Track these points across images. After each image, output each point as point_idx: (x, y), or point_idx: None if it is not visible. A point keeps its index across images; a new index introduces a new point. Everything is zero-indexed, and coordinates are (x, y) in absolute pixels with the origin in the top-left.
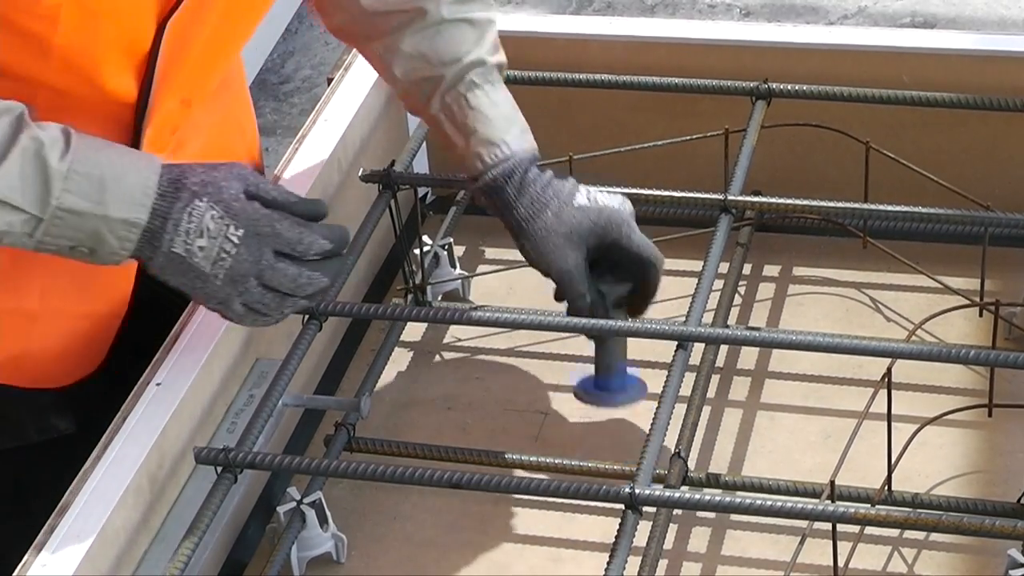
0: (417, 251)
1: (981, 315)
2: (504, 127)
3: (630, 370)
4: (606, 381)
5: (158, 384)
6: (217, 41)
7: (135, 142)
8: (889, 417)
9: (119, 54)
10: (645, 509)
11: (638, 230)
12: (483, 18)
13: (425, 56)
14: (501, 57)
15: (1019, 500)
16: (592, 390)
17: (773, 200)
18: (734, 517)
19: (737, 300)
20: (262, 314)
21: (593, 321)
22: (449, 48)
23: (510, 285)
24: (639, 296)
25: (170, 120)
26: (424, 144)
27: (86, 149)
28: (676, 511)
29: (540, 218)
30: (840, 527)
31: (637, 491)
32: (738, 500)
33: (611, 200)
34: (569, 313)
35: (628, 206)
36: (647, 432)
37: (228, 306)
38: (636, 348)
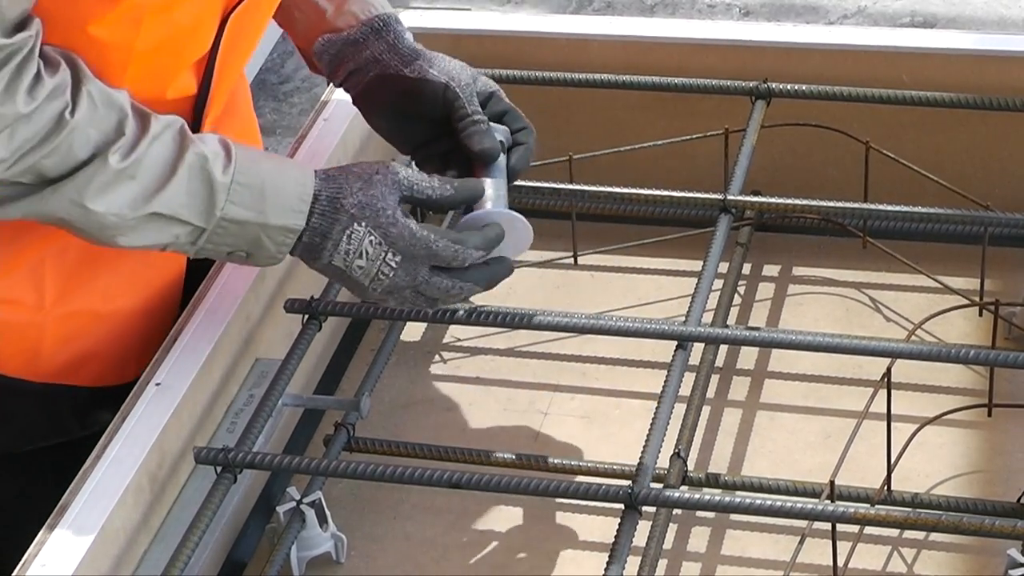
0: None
1: (981, 315)
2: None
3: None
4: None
5: (158, 384)
6: (261, 32)
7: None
8: (889, 417)
9: (187, 51)
10: (645, 509)
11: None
12: None
13: None
14: None
15: (1019, 500)
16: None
17: (773, 200)
18: (734, 517)
19: (737, 300)
20: (418, 306)
21: (585, 321)
22: None
23: (509, 285)
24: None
25: (219, 112)
26: None
27: (245, 160)
28: (676, 511)
29: (417, 60)
30: (840, 527)
31: (637, 491)
32: (738, 500)
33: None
34: (468, 132)
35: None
36: (647, 432)
37: (388, 300)
38: (636, 348)
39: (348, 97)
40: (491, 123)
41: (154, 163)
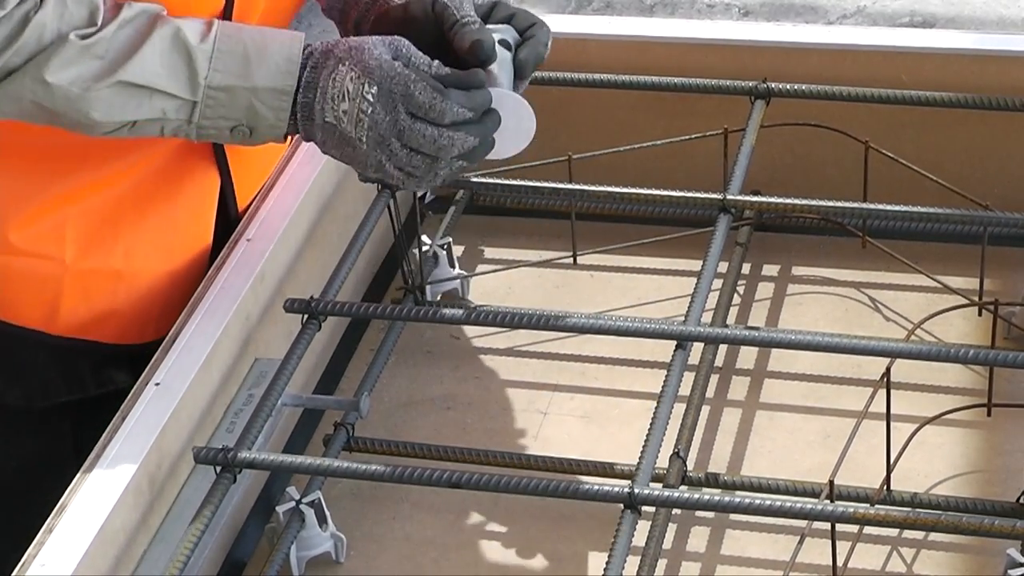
0: (416, 251)
1: (980, 315)
2: None
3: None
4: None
5: (157, 384)
6: None
7: None
8: (888, 417)
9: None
10: (644, 509)
11: None
12: None
13: None
14: None
15: (1018, 499)
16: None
17: (772, 200)
18: (733, 517)
19: (736, 300)
20: (417, 176)
21: (584, 320)
22: None
23: (509, 285)
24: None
25: None
26: None
27: (228, 28)
28: (675, 511)
29: None
30: (839, 527)
31: (636, 491)
32: (737, 500)
33: None
34: (457, 34)
35: None
36: (646, 431)
37: (384, 171)
38: (635, 347)
39: None
40: (495, 25)
41: (122, 41)
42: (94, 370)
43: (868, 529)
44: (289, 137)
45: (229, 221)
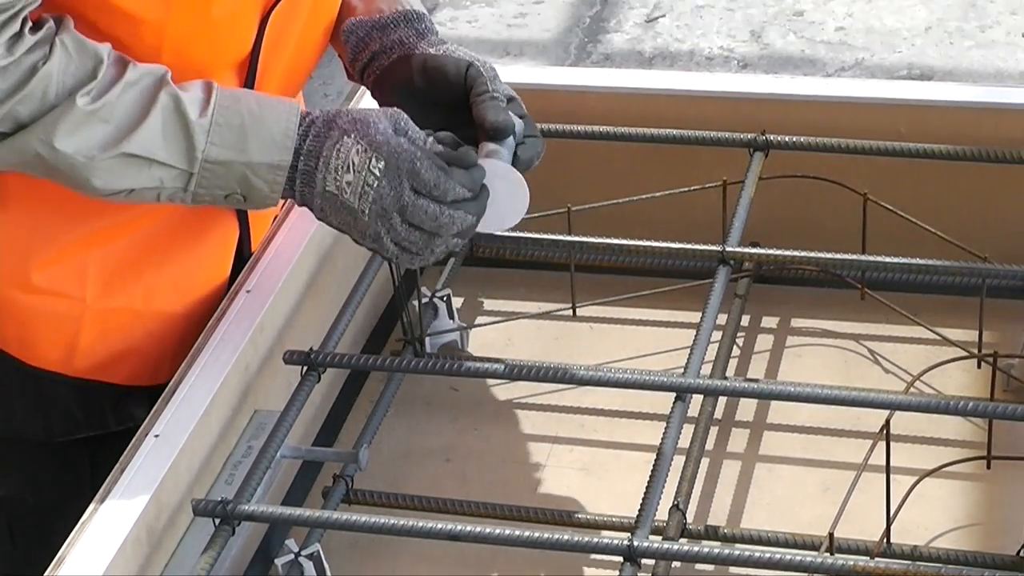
0: (415, 302)
1: (979, 367)
2: None
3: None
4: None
5: (156, 436)
6: (306, 38)
7: None
8: (888, 469)
9: (226, 47)
10: (644, 561)
11: None
12: None
13: None
14: None
15: (1018, 552)
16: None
17: (771, 251)
18: (733, 570)
19: (735, 351)
20: (412, 252)
21: (584, 372)
22: None
23: (508, 337)
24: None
25: None
26: None
27: (226, 99)
28: (675, 564)
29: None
30: None
31: (636, 543)
32: (737, 552)
33: None
34: (485, 104)
35: None
36: (646, 484)
37: (380, 243)
38: (635, 399)
39: None
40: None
41: (127, 106)
42: (114, 406)
43: None
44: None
45: (242, 261)
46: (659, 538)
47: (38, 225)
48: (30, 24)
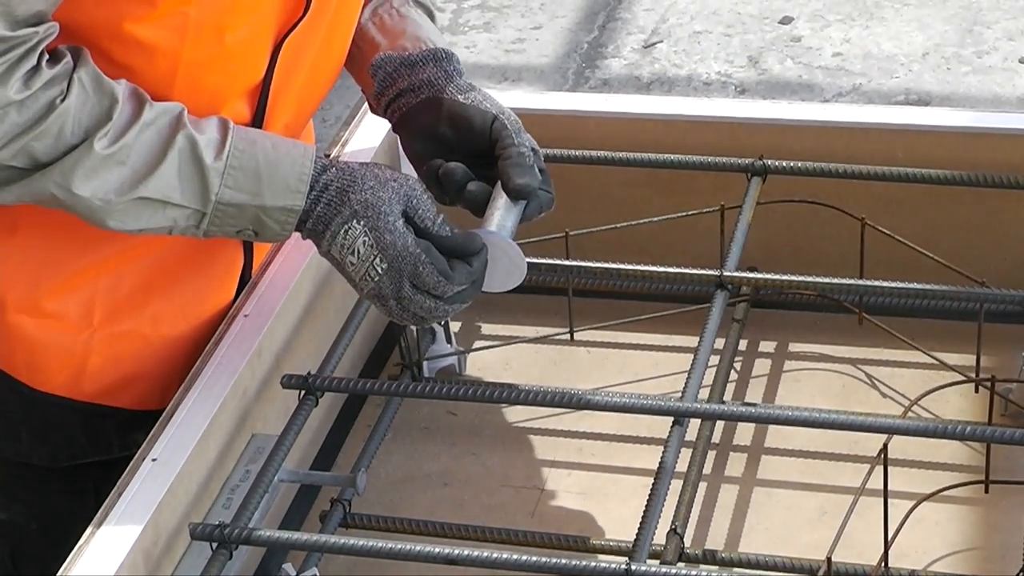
0: (413, 326)
1: (977, 391)
2: (433, 34)
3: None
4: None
5: (154, 460)
6: (318, 66)
7: None
8: (885, 493)
9: (239, 75)
10: None
11: None
12: None
13: None
14: (431, 3)
15: None
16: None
17: (769, 276)
18: None
19: (733, 376)
20: (406, 321)
21: (581, 396)
22: None
23: (506, 361)
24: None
25: None
26: None
27: (241, 143)
28: None
29: (475, 91)
30: None
31: (634, 567)
32: None
33: None
34: (511, 163)
35: None
36: (643, 508)
37: (376, 305)
38: (632, 424)
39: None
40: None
41: (144, 149)
42: (119, 432)
43: None
44: None
45: (245, 283)
46: (657, 562)
47: (49, 252)
48: (47, 57)
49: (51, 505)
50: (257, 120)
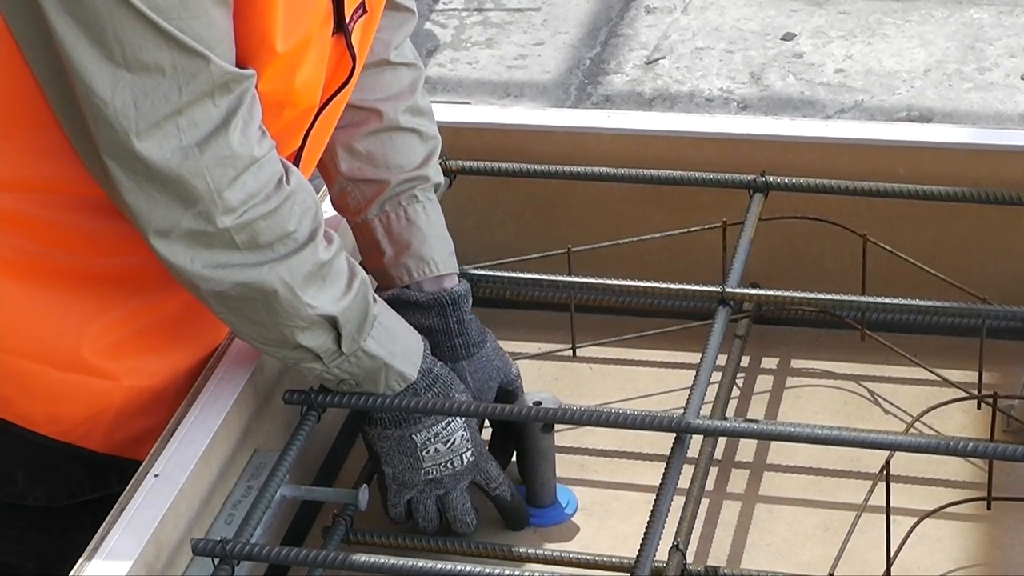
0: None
1: (979, 407)
2: (437, 247)
3: (561, 487)
4: (536, 501)
5: (156, 475)
6: (329, 132)
7: None
8: (888, 510)
9: (287, 145)
10: None
11: None
12: (431, 134)
13: (373, 158)
14: (440, 178)
15: None
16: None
17: (771, 292)
18: None
19: (735, 392)
20: (406, 519)
21: (583, 412)
22: (398, 155)
23: None
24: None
25: None
26: None
27: (380, 301)
28: None
29: (484, 347)
30: None
31: None
32: None
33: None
34: (498, 426)
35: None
36: (645, 524)
37: (398, 496)
38: (634, 440)
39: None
40: (537, 393)
41: (340, 269)
42: (120, 470)
43: None
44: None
45: None
46: None
47: (77, 305)
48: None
49: (48, 545)
50: None
